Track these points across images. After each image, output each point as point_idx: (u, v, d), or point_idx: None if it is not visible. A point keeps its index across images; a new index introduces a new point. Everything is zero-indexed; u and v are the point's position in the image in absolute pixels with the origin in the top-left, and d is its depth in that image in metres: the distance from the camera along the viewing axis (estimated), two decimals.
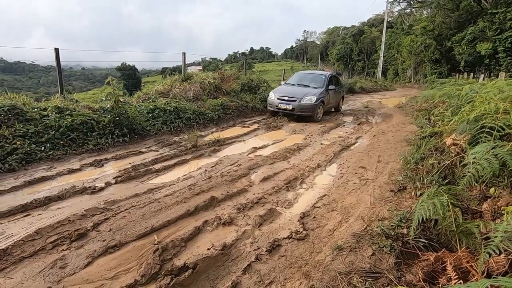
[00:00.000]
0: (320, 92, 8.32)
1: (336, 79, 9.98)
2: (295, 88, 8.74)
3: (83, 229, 2.59)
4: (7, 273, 2.08)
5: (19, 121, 4.57)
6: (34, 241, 2.43)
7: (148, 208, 3.04)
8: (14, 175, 3.69)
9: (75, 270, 2.15)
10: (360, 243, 2.38)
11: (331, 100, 9.04)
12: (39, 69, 39.92)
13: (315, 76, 9.56)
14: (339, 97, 9.93)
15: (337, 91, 9.47)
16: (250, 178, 4.04)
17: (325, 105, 8.54)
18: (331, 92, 8.87)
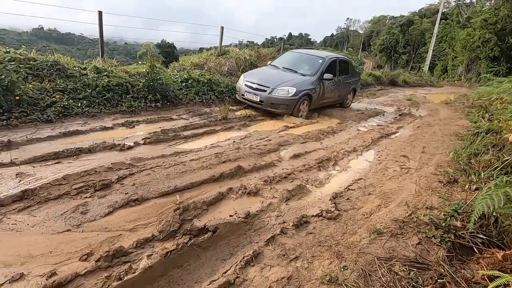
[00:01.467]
0: (306, 82, 5.87)
1: (344, 65, 7.11)
2: (275, 73, 6.37)
3: (107, 180, 2.55)
4: (31, 211, 2.08)
5: (60, 76, 4.69)
6: (60, 185, 2.42)
7: (173, 169, 2.95)
8: (51, 126, 3.78)
9: (95, 218, 2.10)
10: (403, 230, 2.08)
11: (328, 94, 6.47)
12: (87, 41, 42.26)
13: (310, 58, 6.73)
14: (345, 90, 7.20)
15: (342, 83, 6.91)
16: (279, 154, 3.81)
17: (314, 100, 6.07)
18: (327, 83, 6.30)
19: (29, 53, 4.91)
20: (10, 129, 3.50)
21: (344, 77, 7.02)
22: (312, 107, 6.17)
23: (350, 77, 7.36)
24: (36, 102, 4.03)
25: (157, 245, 1.88)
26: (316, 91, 6.01)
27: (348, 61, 7.35)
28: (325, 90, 6.34)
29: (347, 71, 7.23)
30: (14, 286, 1.49)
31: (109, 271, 1.63)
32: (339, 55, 7.56)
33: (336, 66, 6.73)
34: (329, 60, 6.52)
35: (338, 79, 6.73)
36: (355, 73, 7.88)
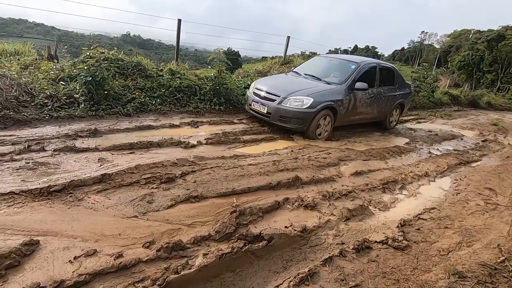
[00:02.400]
0: (331, 92, 4.65)
1: (387, 73, 5.69)
2: (293, 80, 5.24)
3: (172, 175, 2.70)
4: (107, 194, 2.30)
5: (141, 76, 5.23)
6: (132, 174, 2.64)
7: (231, 171, 2.99)
8: (129, 119, 4.21)
9: (159, 208, 2.22)
10: (494, 279, 1.74)
11: (362, 109, 5.16)
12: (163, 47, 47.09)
13: (340, 63, 5.46)
14: (388, 105, 5.73)
15: (383, 95, 5.51)
16: (339, 168, 3.60)
17: (341, 115, 4.82)
18: (361, 94, 5.01)
19: (119, 54, 5.59)
20: (97, 119, 3.99)
21: (387, 89, 5.63)
22: (337, 124, 4.89)
23: (396, 89, 5.90)
24: (119, 97, 4.54)
25: (213, 245, 1.90)
26: (343, 103, 4.72)
27: (393, 69, 5.92)
28: (358, 103, 5.00)
29: (392, 82, 5.82)
30: (88, 260, 1.63)
31: (168, 262, 1.68)
32: (381, 61, 5.99)
33: (376, 74, 5.37)
34: (364, 66, 5.14)
35: (377, 90, 5.39)
36: (404, 84, 6.25)
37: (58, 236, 1.77)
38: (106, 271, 1.55)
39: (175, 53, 6.77)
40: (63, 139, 3.20)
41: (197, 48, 32.74)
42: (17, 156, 2.65)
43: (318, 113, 4.45)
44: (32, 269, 1.51)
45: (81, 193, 2.22)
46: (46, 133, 3.28)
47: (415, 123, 7.57)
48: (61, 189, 2.22)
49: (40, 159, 2.65)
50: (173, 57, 6.89)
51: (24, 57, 5.50)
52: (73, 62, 4.85)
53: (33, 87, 4.01)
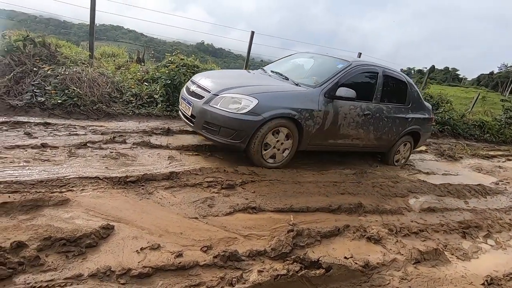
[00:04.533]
0: (294, 95, 3.21)
1: (395, 85, 4.08)
2: (246, 75, 3.93)
3: (232, 182, 2.74)
4: (173, 192, 2.43)
5: None
6: (196, 175, 2.76)
7: (290, 186, 2.92)
8: None
9: (218, 214, 2.25)
10: None
11: (346, 129, 3.56)
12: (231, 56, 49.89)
13: (325, 61, 3.97)
14: (394, 130, 4.07)
15: (386, 116, 3.89)
16: (408, 201, 3.24)
17: (310, 135, 3.31)
18: (347, 107, 3.46)
19: (195, 61, 6.05)
20: (171, 119, 4.33)
21: (393, 107, 3.96)
22: (303, 147, 3.36)
23: (408, 110, 4.16)
24: None
25: (267, 262, 1.84)
26: (315, 116, 3.20)
27: (405, 80, 4.16)
28: (341, 120, 3.43)
29: (402, 99, 4.12)
30: (151, 253, 1.72)
31: (223, 271, 1.68)
32: (389, 67, 4.04)
33: (376, 84, 3.74)
34: (357, 68, 3.55)
35: (376, 107, 3.75)
36: (421, 106, 4.42)
37: (129, 225, 1.92)
38: (166, 268, 1.61)
39: (244, 62, 7.06)
40: (141, 134, 3.54)
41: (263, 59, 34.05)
42: (104, 145, 3.01)
43: (265, 123, 2.93)
44: (106, 252, 1.65)
45: (151, 187, 2.40)
46: (128, 127, 3.67)
47: (504, 160, 6.50)
48: (136, 180, 2.43)
49: (121, 150, 2.96)
50: (240, 66, 7.19)
51: (118, 59, 6.33)
52: (156, 66, 5.39)
53: (123, 86, 4.56)
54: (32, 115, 3.48)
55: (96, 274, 1.48)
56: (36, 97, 3.67)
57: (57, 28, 20.71)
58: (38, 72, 3.99)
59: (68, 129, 3.28)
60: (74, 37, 15.08)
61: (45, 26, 21.31)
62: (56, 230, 1.69)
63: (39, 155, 2.56)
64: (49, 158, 2.53)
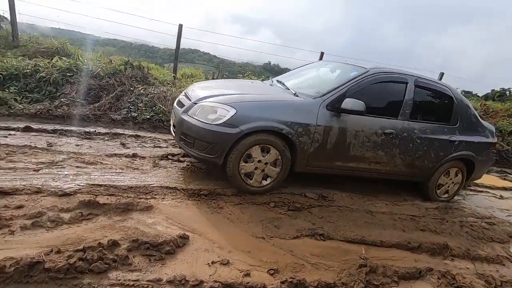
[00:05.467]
0: (285, 105, 2.73)
1: (432, 99, 3.35)
2: (243, 85, 3.58)
3: (299, 204, 2.68)
4: (242, 208, 2.49)
5: None
6: (263, 195, 2.79)
7: (360, 215, 2.72)
8: None
9: (285, 236, 2.21)
10: None
11: (358, 150, 2.93)
12: None
13: (339, 69, 3.41)
14: (431, 156, 3.26)
15: (416, 136, 3.13)
16: (509, 249, 2.69)
17: (307, 154, 2.76)
18: (360, 123, 2.86)
19: None
20: None
21: (431, 127, 3.24)
22: (301, 168, 2.85)
23: (455, 131, 3.35)
24: None
25: None
26: (311, 132, 2.71)
27: (450, 94, 3.36)
28: (350, 138, 2.87)
29: (446, 116, 3.36)
30: (221, 268, 1.77)
31: None
32: (426, 77, 3.34)
33: (405, 96, 3.09)
34: (376, 76, 2.98)
35: (405, 125, 3.07)
36: (476, 126, 3.55)
37: (202, 237, 2.02)
38: (235, 286, 1.63)
39: None
40: None
41: None
42: (182, 158, 3.29)
43: (245, 138, 2.53)
44: (181, 261, 1.76)
45: (222, 202, 2.50)
46: None
47: None
48: (208, 194, 2.57)
49: (197, 164, 3.18)
50: None
51: (196, 79, 6.98)
52: None
53: None
54: (127, 128, 4.04)
55: (173, 281, 1.58)
56: (131, 113, 4.27)
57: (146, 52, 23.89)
58: (133, 91, 4.66)
59: (154, 141, 3.70)
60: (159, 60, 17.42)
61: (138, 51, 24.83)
62: (142, 234, 1.88)
63: (131, 163, 2.92)
64: (138, 167, 2.87)
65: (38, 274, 1.44)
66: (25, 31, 7.16)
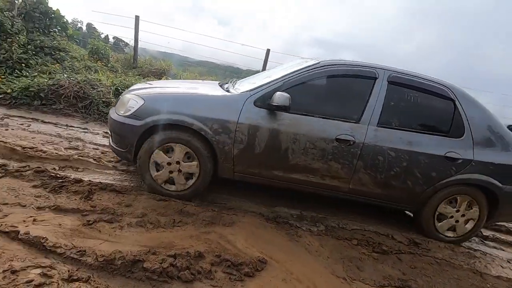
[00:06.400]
0: (204, 100, 2.41)
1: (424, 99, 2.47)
2: (190, 84, 3.21)
3: (386, 247, 2.39)
4: (322, 240, 2.35)
5: None
6: (344, 229, 2.59)
7: (465, 275, 2.25)
8: None
9: (369, 282, 1.98)
10: None
11: (300, 157, 2.35)
12: None
13: (296, 63, 2.75)
14: (415, 175, 2.41)
15: (387, 146, 2.37)
16: None
17: (231, 157, 2.35)
18: (299, 125, 2.32)
19: None
20: None
21: (416, 137, 2.48)
22: (227, 173, 2.51)
23: (459, 145, 2.50)
24: None
25: None
26: (230, 129, 2.33)
27: (448, 95, 2.54)
28: (287, 142, 2.37)
29: (443, 124, 2.56)
30: None
31: None
32: (410, 72, 2.58)
33: (371, 95, 2.47)
34: (326, 69, 2.46)
35: (372, 131, 2.43)
36: (497, 140, 2.54)
37: (279, 264, 1.96)
38: None
39: None
40: None
41: None
42: None
43: (148, 129, 2.33)
44: (259, 286, 1.73)
45: (301, 230, 2.41)
46: None
47: None
48: (287, 220, 2.52)
49: None
50: None
51: None
52: None
53: None
54: None
55: None
56: None
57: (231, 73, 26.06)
58: None
59: None
60: None
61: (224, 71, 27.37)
62: (223, 249, 1.94)
63: None
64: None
65: (138, 272, 1.59)
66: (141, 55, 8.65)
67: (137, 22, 7.03)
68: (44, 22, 6.60)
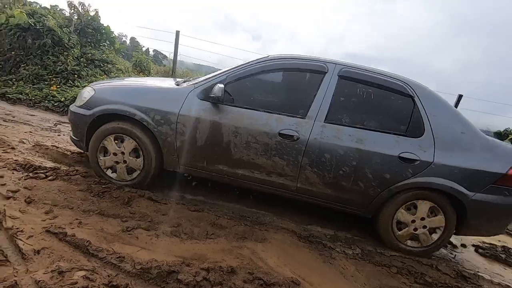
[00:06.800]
0: (150, 91, 2.48)
1: (377, 94, 2.28)
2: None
3: (431, 278, 2.19)
4: (357, 265, 2.22)
5: None
6: (382, 255, 2.43)
7: None
8: None
9: None
10: None
11: (242, 152, 2.29)
12: None
13: None
14: (367, 176, 2.20)
15: (336, 144, 2.22)
16: None
17: (175, 149, 2.37)
18: (241, 118, 2.28)
19: None
20: None
21: (369, 136, 2.28)
22: (172, 165, 2.52)
23: (417, 145, 2.25)
24: None
25: None
26: (171, 121, 2.36)
27: (406, 90, 2.34)
28: (229, 136, 2.33)
29: (400, 123, 2.35)
30: None
31: None
32: (362, 66, 2.41)
33: (319, 89, 2.36)
34: (272, 62, 2.44)
35: (319, 128, 2.31)
36: (473, 143, 2.27)
37: (312, 287, 1.87)
38: None
39: None
40: None
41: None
42: None
43: (94, 119, 2.46)
44: None
45: (335, 252, 2.30)
46: None
47: None
48: (320, 240, 2.42)
49: None
50: None
51: None
52: None
53: None
54: None
55: None
56: None
57: None
58: None
59: None
60: None
61: None
62: (255, 266, 1.90)
63: None
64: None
65: (172, 283, 1.61)
66: (178, 67, 9.08)
67: (177, 37, 7.42)
68: (96, 37, 7.22)
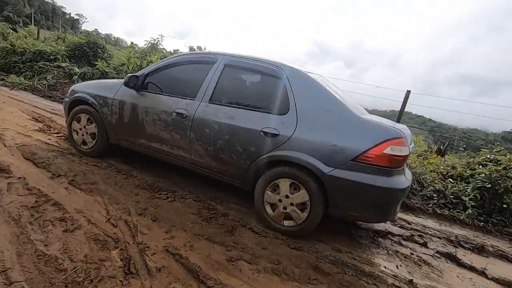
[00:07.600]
0: (103, 84, 3.61)
1: (254, 79, 2.76)
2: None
3: None
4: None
5: None
6: None
7: None
8: None
9: None
10: None
11: (157, 130, 2.92)
12: None
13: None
14: (236, 149, 2.53)
15: (212, 119, 2.62)
16: None
17: (112, 125, 3.21)
18: (150, 100, 2.97)
19: None
20: (483, 232, 3.39)
21: (239, 113, 2.58)
22: (113, 139, 3.26)
23: (279, 121, 2.41)
24: None
25: None
26: (108, 103, 3.15)
27: (277, 74, 2.55)
28: (141, 114, 2.96)
29: (271, 102, 2.53)
30: None
31: None
32: (247, 56, 2.78)
33: (207, 76, 2.79)
34: (183, 56, 3.08)
35: (203, 107, 2.71)
36: (340, 121, 2.30)
37: None
38: None
39: None
40: (444, 241, 2.99)
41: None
42: (403, 242, 2.81)
43: (70, 105, 3.46)
44: None
45: None
46: (428, 227, 3.26)
47: None
48: None
49: (423, 256, 2.60)
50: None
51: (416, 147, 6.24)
52: (468, 162, 4.63)
53: (424, 178, 4.30)
54: None
55: None
56: None
57: None
58: None
59: None
60: None
61: None
62: None
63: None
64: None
65: None
66: None
67: None
68: None
